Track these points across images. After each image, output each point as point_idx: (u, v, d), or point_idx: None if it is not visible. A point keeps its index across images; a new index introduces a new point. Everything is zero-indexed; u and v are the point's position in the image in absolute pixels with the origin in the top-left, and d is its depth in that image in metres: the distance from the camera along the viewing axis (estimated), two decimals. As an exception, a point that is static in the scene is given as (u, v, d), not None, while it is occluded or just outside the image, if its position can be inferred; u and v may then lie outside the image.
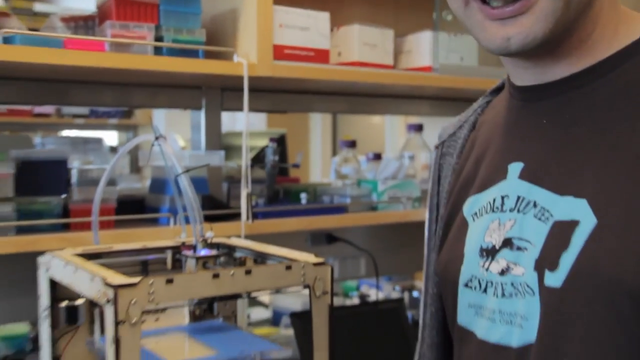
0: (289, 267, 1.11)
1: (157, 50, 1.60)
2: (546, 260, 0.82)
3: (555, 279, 0.80)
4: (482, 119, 1.06)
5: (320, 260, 1.14)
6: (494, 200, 0.92)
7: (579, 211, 0.80)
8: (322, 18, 1.78)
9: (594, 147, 0.83)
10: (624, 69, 0.84)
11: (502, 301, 0.87)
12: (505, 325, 0.86)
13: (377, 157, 2.36)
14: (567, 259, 0.79)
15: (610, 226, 0.77)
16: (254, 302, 2.72)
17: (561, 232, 0.81)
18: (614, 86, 0.84)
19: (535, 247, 0.84)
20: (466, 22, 0.89)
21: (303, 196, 1.94)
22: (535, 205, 0.86)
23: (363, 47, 1.87)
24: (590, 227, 0.78)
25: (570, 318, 0.79)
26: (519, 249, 0.86)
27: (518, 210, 0.88)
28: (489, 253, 0.90)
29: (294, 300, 2.53)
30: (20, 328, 2.01)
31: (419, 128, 2.40)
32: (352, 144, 2.27)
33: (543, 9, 0.81)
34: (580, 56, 0.87)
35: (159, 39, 1.61)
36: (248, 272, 1.07)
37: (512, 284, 0.86)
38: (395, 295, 2.83)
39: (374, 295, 2.53)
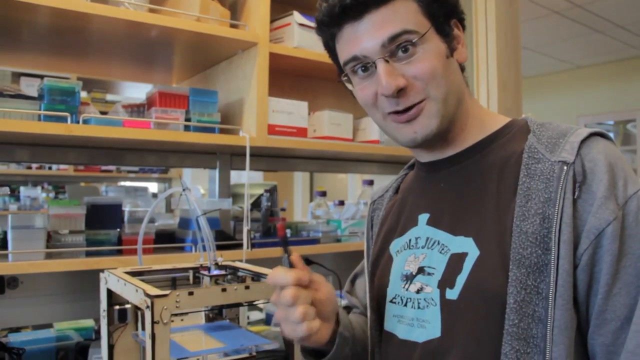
0: (276, 283, 1.11)
1: (187, 128, 1.61)
2: (446, 281, 0.84)
3: (452, 293, 0.83)
4: (402, 186, 1.09)
5: (298, 278, 1.14)
6: (410, 241, 0.94)
7: (467, 246, 0.83)
8: (302, 106, 1.80)
9: (477, 200, 0.86)
10: (491, 149, 0.90)
11: (417, 311, 0.88)
12: (419, 328, 0.87)
13: (341, 203, 2.35)
14: (460, 280, 0.82)
15: (488, 256, 0.80)
16: (252, 307, 2.69)
17: (456, 261, 0.84)
18: (487, 160, 0.89)
19: (438, 272, 0.86)
20: (385, 128, 0.92)
21: (288, 231, 1.94)
22: (438, 243, 0.88)
23: (331, 125, 1.88)
24: (475, 256, 0.81)
25: (462, 319, 0.82)
26: (428, 274, 0.87)
27: (428, 247, 0.90)
28: (408, 278, 0.91)
29: (281, 305, 2.49)
30: (88, 322, 2.00)
31: (370, 182, 2.40)
32: (323, 194, 2.26)
33: (430, 110, 0.86)
34: (463, 141, 0.92)
35: (188, 119, 1.63)
36: (247, 287, 1.07)
37: (424, 299, 0.87)
38: (353, 301, 2.81)
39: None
